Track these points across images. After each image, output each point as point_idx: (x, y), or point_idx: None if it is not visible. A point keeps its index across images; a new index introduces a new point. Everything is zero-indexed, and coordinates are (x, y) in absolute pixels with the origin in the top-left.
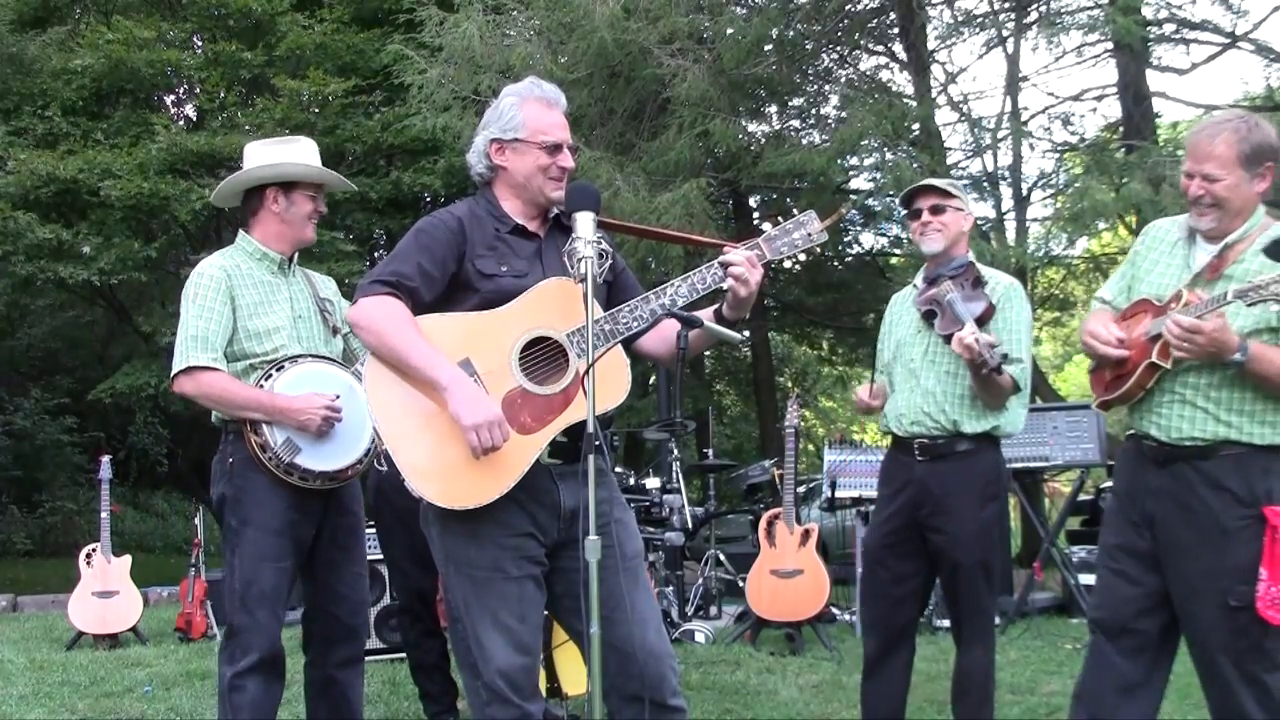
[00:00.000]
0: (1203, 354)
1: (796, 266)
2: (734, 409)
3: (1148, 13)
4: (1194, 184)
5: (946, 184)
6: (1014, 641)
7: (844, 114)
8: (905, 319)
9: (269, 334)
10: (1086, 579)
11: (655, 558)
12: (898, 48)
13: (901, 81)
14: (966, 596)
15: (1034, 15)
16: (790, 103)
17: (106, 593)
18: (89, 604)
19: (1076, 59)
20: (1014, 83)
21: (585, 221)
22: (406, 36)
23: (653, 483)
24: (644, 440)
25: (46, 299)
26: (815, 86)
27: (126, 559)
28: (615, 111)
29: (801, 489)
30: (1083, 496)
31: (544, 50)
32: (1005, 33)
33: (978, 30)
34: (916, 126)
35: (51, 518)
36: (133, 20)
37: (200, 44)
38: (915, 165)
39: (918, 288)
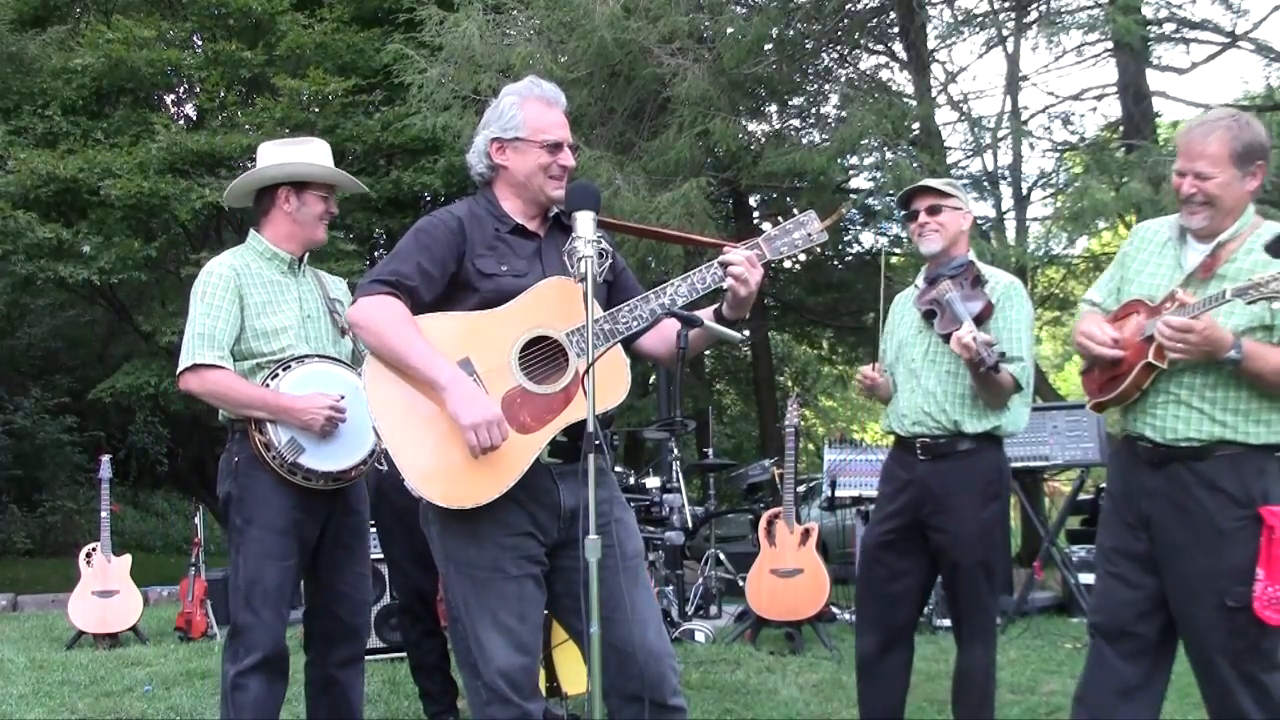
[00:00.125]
0: (1197, 353)
1: (796, 266)
2: (734, 409)
3: (1148, 12)
4: (1186, 182)
5: (943, 184)
6: (1014, 641)
7: (844, 113)
8: (907, 319)
9: (276, 333)
10: (1086, 578)
11: (655, 557)
12: (898, 47)
13: (901, 81)
14: (967, 596)
15: (1034, 15)
16: (790, 102)
17: (106, 592)
18: (89, 603)
19: (1076, 58)
20: (1014, 82)
21: (585, 221)
22: (406, 36)
23: (653, 482)
24: (644, 440)
25: (46, 298)
26: (815, 86)
27: (126, 558)
28: (615, 111)
29: (801, 488)
30: (1083, 496)
31: (544, 50)
32: (1005, 32)
33: (978, 30)
34: (916, 126)
35: (52, 517)
36: (133, 20)
37: (200, 43)
38: (915, 165)
39: (919, 288)
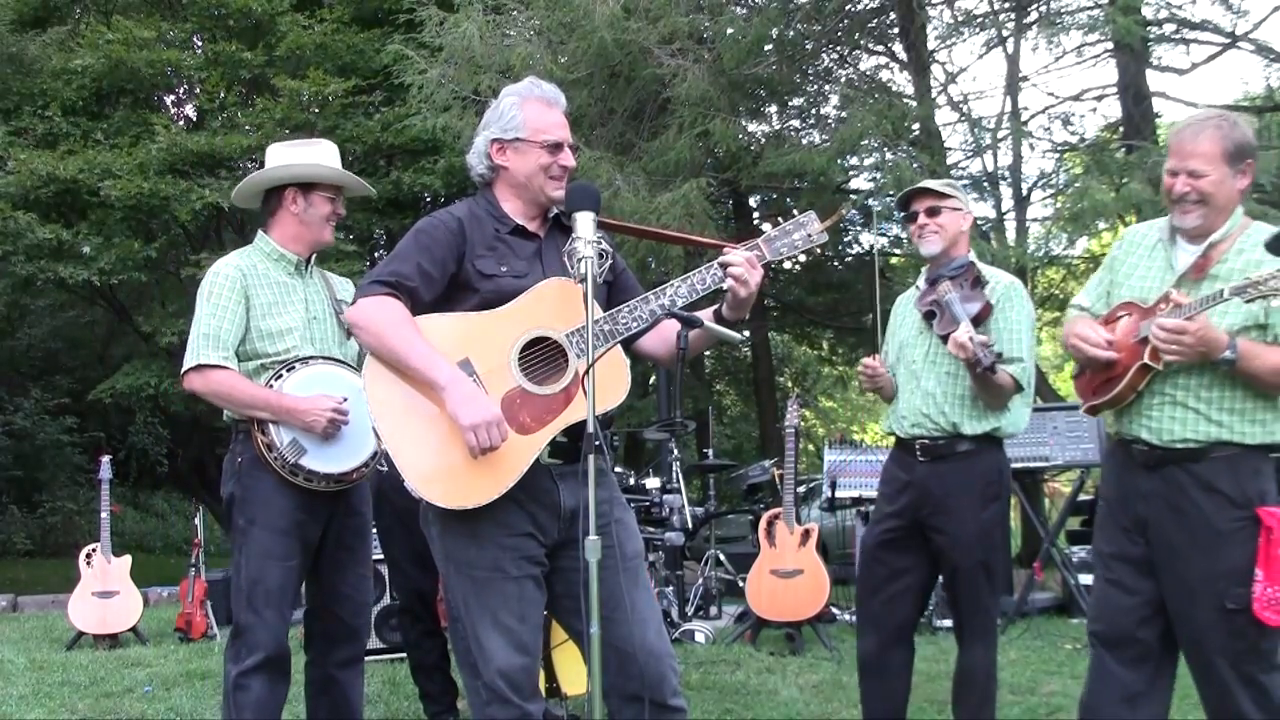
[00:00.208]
0: (1192, 355)
1: (796, 266)
2: (734, 409)
3: (1148, 13)
4: (1179, 181)
5: (942, 184)
6: (1014, 641)
7: (844, 114)
8: (908, 320)
9: (281, 334)
10: (1086, 579)
11: (655, 558)
12: (898, 48)
13: (901, 81)
14: (967, 597)
15: (1034, 15)
16: (790, 103)
17: (106, 593)
18: (89, 604)
19: (1076, 59)
20: (1014, 83)
21: (585, 221)
22: (406, 36)
23: (653, 483)
24: (644, 440)
25: (46, 299)
26: (815, 86)
27: (126, 559)
28: (615, 111)
29: (801, 489)
30: (1083, 496)
31: (544, 50)
32: (1005, 33)
33: (978, 30)
34: (916, 126)
35: (51, 518)
36: (133, 20)
37: (200, 44)
38: (915, 165)
39: (920, 289)
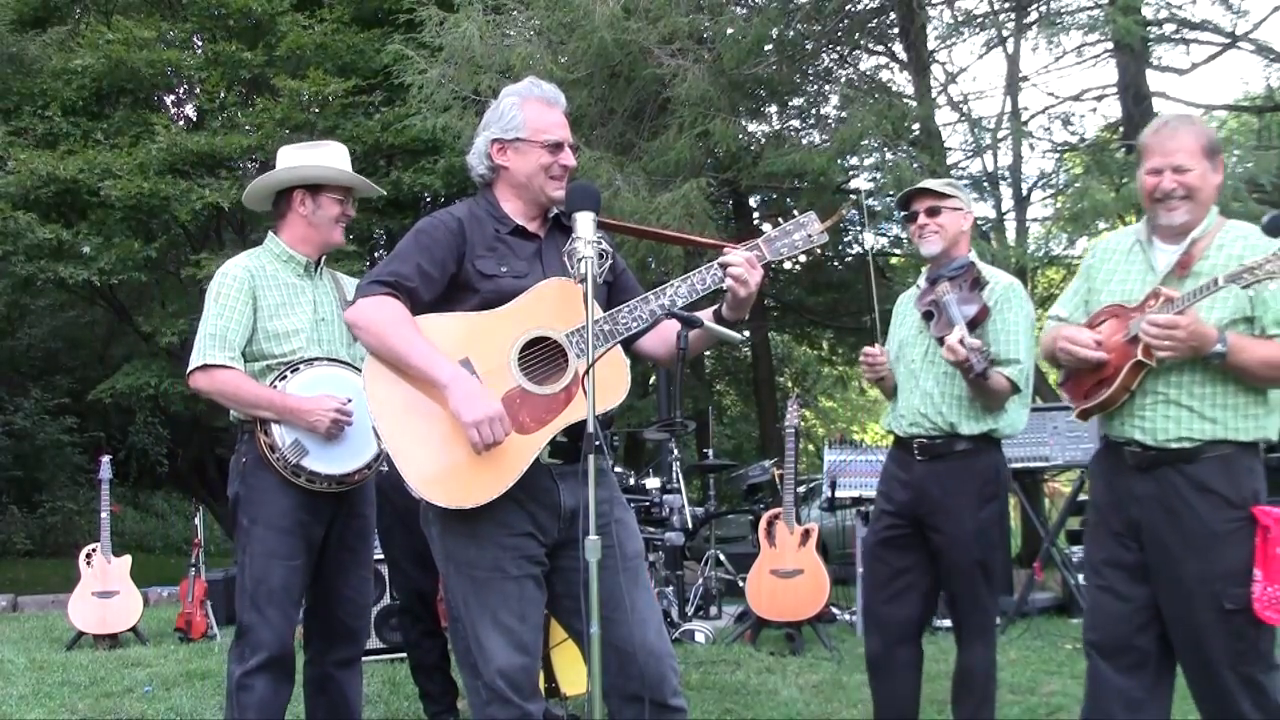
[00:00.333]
0: (1184, 349)
1: (796, 267)
2: (734, 409)
3: (1148, 13)
4: (1165, 178)
5: (942, 184)
6: (1014, 641)
7: (844, 114)
8: (908, 320)
9: (288, 336)
10: None
11: (655, 558)
12: (898, 48)
13: (901, 81)
14: (966, 596)
15: (1034, 15)
16: (790, 103)
17: (106, 593)
18: (89, 604)
19: (1076, 59)
20: (1014, 83)
21: (585, 221)
22: (406, 36)
23: (653, 483)
24: (644, 440)
25: (46, 299)
26: (815, 86)
27: (126, 559)
28: (615, 111)
29: (801, 489)
30: (1082, 497)
31: (544, 50)
32: (1005, 33)
33: (978, 30)
34: (916, 126)
35: (51, 518)
36: (133, 20)
37: (200, 44)
38: (915, 165)
39: (921, 288)
